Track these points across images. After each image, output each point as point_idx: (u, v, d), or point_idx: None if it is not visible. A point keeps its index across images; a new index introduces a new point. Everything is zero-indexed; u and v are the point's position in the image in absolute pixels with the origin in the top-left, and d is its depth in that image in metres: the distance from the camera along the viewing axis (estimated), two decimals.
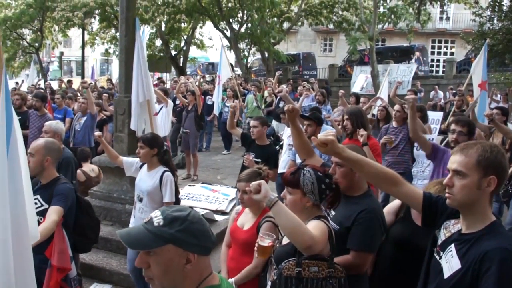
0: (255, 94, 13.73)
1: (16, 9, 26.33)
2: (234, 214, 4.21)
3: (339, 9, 26.11)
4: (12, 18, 25.89)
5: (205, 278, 1.79)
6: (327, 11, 26.17)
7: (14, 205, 2.87)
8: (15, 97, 9.18)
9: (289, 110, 3.73)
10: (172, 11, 23.73)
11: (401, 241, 3.32)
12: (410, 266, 3.14)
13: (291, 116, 3.75)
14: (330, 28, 31.62)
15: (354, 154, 2.67)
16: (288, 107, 3.75)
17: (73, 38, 36.49)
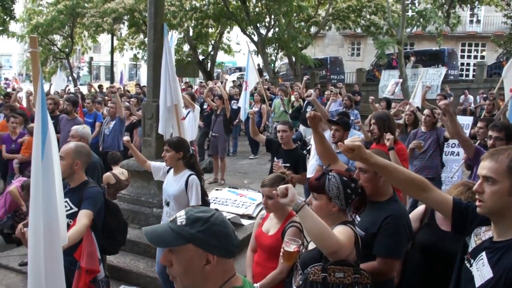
0: (282, 99, 13.72)
1: (47, 16, 26.92)
2: (259, 219, 4.20)
3: (367, 13, 25.92)
4: (44, 25, 26.50)
5: (227, 280, 1.80)
6: (354, 15, 26.03)
7: (46, 208, 2.93)
8: (48, 101, 9.38)
9: (311, 116, 3.71)
10: (199, 16, 23.91)
11: (428, 247, 3.27)
12: (438, 273, 3.10)
13: (313, 123, 3.74)
14: (357, 32, 31.44)
15: (382, 159, 2.64)
16: (310, 113, 3.74)
17: (103, 44, 37.12)
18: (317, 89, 16.86)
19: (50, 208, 2.97)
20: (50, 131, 3.04)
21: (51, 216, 2.97)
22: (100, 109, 11.10)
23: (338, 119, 6.70)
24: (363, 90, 23.75)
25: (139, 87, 18.23)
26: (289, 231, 3.63)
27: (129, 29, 28.38)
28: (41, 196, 2.93)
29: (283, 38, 22.46)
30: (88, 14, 25.26)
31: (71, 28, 28.60)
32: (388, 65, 25.79)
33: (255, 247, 4.07)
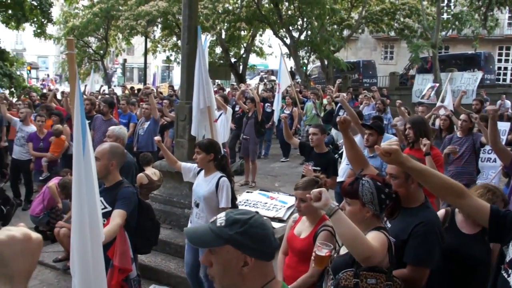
0: (314, 102, 13.67)
1: (83, 19, 27.43)
2: (291, 222, 4.20)
3: (400, 16, 25.63)
4: (79, 27, 27.03)
5: (267, 283, 1.80)
6: (388, 18, 25.76)
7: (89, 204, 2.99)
8: (86, 102, 9.56)
9: (341, 121, 3.69)
10: (232, 19, 24.01)
11: (450, 251, 3.23)
12: (460, 277, 3.04)
13: (343, 127, 3.71)
14: (391, 36, 31.08)
15: (419, 164, 2.61)
16: (340, 117, 3.71)
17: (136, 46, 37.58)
18: (349, 92, 16.76)
19: (91, 203, 3.04)
20: (87, 132, 3.10)
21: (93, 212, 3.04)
22: (134, 110, 11.25)
23: (372, 123, 6.64)
24: (396, 94, 23.47)
25: (172, 89, 18.40)
26: (321, 235, 3.62)
27: (162, 31, 28.67)
28: (84, 191, 3.00)
29: (316, 41, 22.37)
30: (122, 16, 25.64)
31: (106, 30, 29.08)
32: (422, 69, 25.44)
33: (286, 250, 4.07)
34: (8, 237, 1.13)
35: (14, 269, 1.12)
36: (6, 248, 1.12)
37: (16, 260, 1.13)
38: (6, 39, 19.62)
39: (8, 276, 1.11)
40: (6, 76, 15.04)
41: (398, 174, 3.22)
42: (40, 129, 9.21)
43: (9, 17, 16.86)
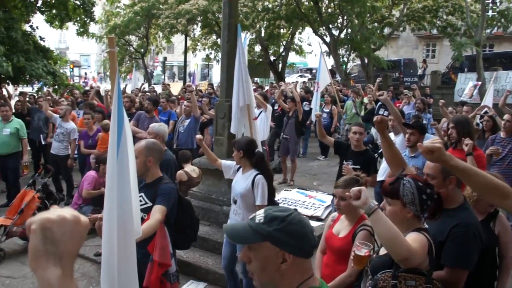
0: (354, 101, 13.56)
1: (124, 17, 27.94)
2: (330, 221, 4.18)
3: (443, 14, 25.10)
4: (121, 26, 27.55)
5: (305, 280, 1.80)
6: (430, 16, 25.28)
7: (121, 203, 3.03)
8: (125, 99, 9.78)
9: (378, 121, 3.64)
10: (272, 17, 24.00)
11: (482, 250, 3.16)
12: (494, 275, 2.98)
13: (380, 127, 3.66)
14: (433, 33, 30.54)
15: (462, 162, 2.56)
16: (377, 118, 3.67)
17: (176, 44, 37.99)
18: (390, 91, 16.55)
19: (124, 203, 3.08)
20: (126, 128, 3.14)
21: (125, 211, 3.08)
22: (174, 108, 11.38)
23: (414, 122, 6.55)
24: (438, 93, 23.02)
25: (211, 87, 18.54)
26: (360, 235, 3.59)
27: (202, 30, 28.93)
28: (115, 191, 3.04)
29: (356, 39, 22.13)
30: (163, 15, 25.99)
31: (147, 29, 29.51)
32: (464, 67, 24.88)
33: (324, 248, 4.05)
34: (59, 217, 1.16)
35: (63, 249, 1.15)
36: (57, 228, 1.15)
37: (65, 241, 1.15)
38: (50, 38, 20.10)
39: (57, 256, 1.13)
40: (50, 74, 15.40)
41: (436, 174, 3.16)
42: (89, 126, 9.42)
43: (53, 16, 17.26)
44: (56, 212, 1.18)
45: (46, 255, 1.13)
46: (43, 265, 1.12)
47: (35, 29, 17.20)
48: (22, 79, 15.66)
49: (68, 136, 9.60)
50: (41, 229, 1.14)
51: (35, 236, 1.14)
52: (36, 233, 1.14)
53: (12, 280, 6.50)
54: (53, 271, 1.12)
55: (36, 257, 1.13)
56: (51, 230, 1.14)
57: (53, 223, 1.15)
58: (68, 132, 9.59)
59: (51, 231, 1.14)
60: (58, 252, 1.14)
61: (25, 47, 15.00)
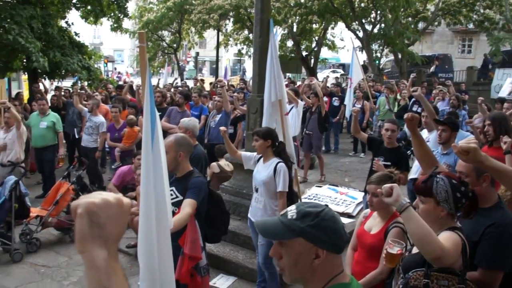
0: (387, 97, 13.39)
1: (157, 13, 28.23)
2: (361, 218, 4.16)
3: (480, 7, 24.54)
4: (154, 21, 27.87)
5: (335, 275, 1.80)
6: (466, 10, 24.74)
7: (157, 197, 3.07)
8: (156, 94, 9.91)
9: (409, 118, 3.59)
10: (304, 12, 23.85)
11: None
12: None
13: (410, 125, 3.61)
14: (469, 28, 29.92)
15: (498, 163, 2.52)
16: (408, 115, 3.62)
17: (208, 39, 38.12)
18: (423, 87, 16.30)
19: (159, 195, 3.12)
20: (157, 123, 3.17)
21: (160, 203, 3.12)
22: (205, 103, 11.44)
23: (446, 118, 6.44)
24: (474, 89, 22.57)
25: (243, 82, 18.57)
26: (393, 232, 3.56)
27: (234, 25, 28.95)
28: (152, 184, 3.08)
29: (389, 34, 21.81)
30: (195, 10, 26.16)
31: (179, 24, 29.71)
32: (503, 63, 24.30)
33: (356, 245, 4.04)
34: (104, 201, 1.19)
35: (108, 232, 1.18)
36: (102, 211, 1.18)
37: (110, 223, 1.18)
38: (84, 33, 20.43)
39: (103, 238, 1.17)
40: (84, 68, 15.68)
41: (469, 172, 3.10)
42: (116, 120, 9.56)
43: (88, 12, 17.55)
44: (100, 195, 1.21)
45: (92, 238, 1.16)
46: (90, 248, 1.16)
47: (70, 25, 17.53)
48: (58, 73, 16.00)
49: (97, 130, 9.80)
50: (87, 213, 1.17)
51: (81, 220, 1.17)
52: (82, 217, 1.17)
53: (47, 269, 6.66)
54: (100, 253, 1.15)
55: (83, 240, 1.16)
56: (97, 213, 1.17)
57: (98, 206, 1.18)
58: (97, 126, 9.78)
59: (97, 215, 1.17)
60: (104, 235, 1.17)
61: (61, 42, 15.31)
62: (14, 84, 23.90)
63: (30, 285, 6.21)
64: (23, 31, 13.17)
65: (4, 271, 6.60)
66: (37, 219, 7.45)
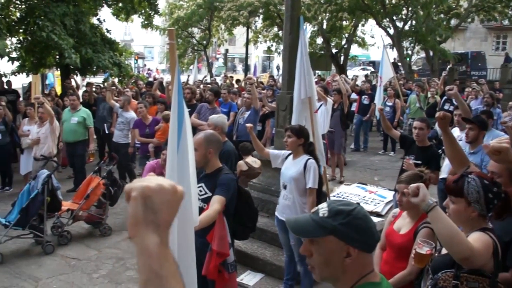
0: (418, 95, 13.21)
1: (187, 10, 28.41)
2: (391, 217, 4.13)
3: None
4: (184, 18, 28.10)
5: (366, 274, 1.79)
6: (502, 6, 24.15)
7: None
8: (186, 91, 9.98)
9: (440, 117, 3.54)
10: (334, 9, 23.68)
11: None
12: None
13: (442, 123, 3.56)
14: (504, 25, 29.25)
15: None
16: (439, 113, 3.57)
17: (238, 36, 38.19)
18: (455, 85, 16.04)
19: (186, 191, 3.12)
20: (186, 120, 3.18)
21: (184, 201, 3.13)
22: (234, 99, 11.47)
23: (474, 117, 6.34)
24: (508, 88, 22.07)
25: (272, 79, 18.57)
26: (422, 232, 3.52)
27: (264, 22, 28.92)
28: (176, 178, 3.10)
29: (421, 31, 21.52)
30: (225, 7, 26.27)
31: (209, 21, 29.87)
32: None
33: (384, 245, 4.00)
34: (158, 186, 1.18)
35: (161, 218, 1.16)
36: (156, 196, 1.16)
37: (164, 209, 1.17)
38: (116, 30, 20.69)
39: (156, 224, 1.15)
40: (115, 65, 15.90)
41: (501, 172, 3.04)
42: (144, 115, 9.65)
43: (120, 9, 17.79)
44: (155, 180, 1.20)
45: (145, 223, 1.15)
46: (143, 232, 1.14)
47: (102, 22, 17.81)
48: (89, 70, 16.24)
49: (128, 125, 9.92)
50: (141, 197, 1.16)
51: (135, 204, 1.16)
52: (136, 201, 1.16)
53: (77, 262, 6.79)
54: (152, 238, 1.14)
55: (136, 224, 1.15)
56: (151, 198, 1.16)
57: (153, 191, 1.17)
58: (128, 121, 9.90)
59: (151, 200, 1.16)
60: (157, 220, 1.16)
61: (93, 39, 15.54)
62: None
63: (61, 276, 6.34)
64: (56, 28, 13.42)
65: (36, 262, 6.76)
66: (68, 212, 7.60)
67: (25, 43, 15.39)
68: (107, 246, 7.36)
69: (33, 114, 9.59)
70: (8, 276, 6.33)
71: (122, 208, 8.85)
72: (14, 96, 14.29)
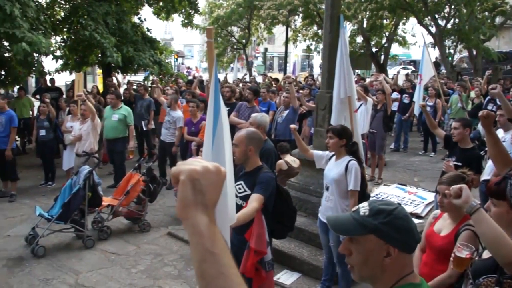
0: (460, 95, 12.94)
1: (227, 9, 28.62)
2: (431, 218, 4.07)
3: None
4: (224, 17, 28.35)
5: (405, 275, 1.77)
6: None
7: None
8: (226, 89, 10.05)
9: (484, 115, 3.46)
10: (374, 8, 23.43)
11: None
12: None
13: (485, 123, 3.49)
14: None
15: None
16: (483, 112, 3.49)
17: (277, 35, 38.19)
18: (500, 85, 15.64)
19: None
20: (223, 118, 3.18)
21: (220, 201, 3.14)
22: (273, 98, 11.48)
23: None
24: None
25: (311, 78, 18.49)
26: (463, 235, 3.45)
27: (303, 20, 28.83)
28: None
29: (464, 30, 21.04)
30: (264, 6, 26.30)
31: (249, 20, 30.01)
32: None
33: (424, 246, 3.95)
34: (204, 168, 1.22)
35: (208, 198, 1.21)
36: (203, 178, 1.21)
37: (210, 190, 1.22)
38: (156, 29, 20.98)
39: (204, 205, 1.20)
40: (156, 63, 16.13)
41: None
42: (194, 114, 9.73)
43: (160, 8, 18.09)
44: (200, 163, 1.24)
45: (195, 204, 1.19)
46: (193, 214, 1.19)
47: (143, 21, 18.09)
48: (130, 68, 16.54)
49: (174, 124, 10.02)
50: (190, 180, 1.20)
51: (184, 187, 1.20)
52: (185, 184, 1.20)
53: (117, 257, 6.92)
54: (202, 219, 1.18)
55: (186, 206, 1.20)
56: (199, 180, 1.20)
57: (200, 173, 1.21)
58: (174, 120, 10.01)
59: (199, 182, 1.20)
60: (205, 202, 1.20)
61: (134, 38, 15.81)
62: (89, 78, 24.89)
63: (100, 270, 6.48)
64: (99, 27, 13.71)
65: (76, 256, 6.93)
66: (108, 208, 7.76)
67: (69, 42, 15.80)
68: (145, 242, 7.47)
69: (76, 111, 9.82)
70: (50, 268, 6.52)
71: (161, 205, 8.99)
72: (57, 94, 14.72)
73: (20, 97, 13.72)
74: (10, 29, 10.79)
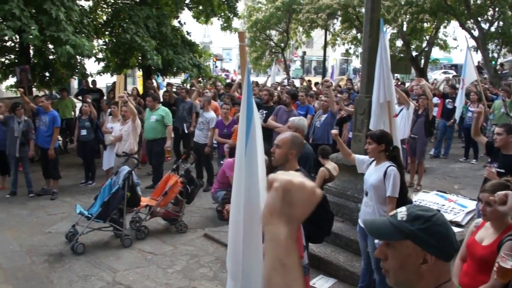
0: (504, 100, 12.60)
1: (265, 13, 28.72)
2: (473, 227, 3.96)
3: None
4: (262, 21, 28.43)
5: (442, 283, 1.73)
6: None
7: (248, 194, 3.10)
8: (264, 92, 10.07)
9: None
10: (415, 11, 23.11)
11: None
12: None
13: None
14: None
15: None
16: None
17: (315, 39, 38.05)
18: None
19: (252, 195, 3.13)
20: (255, 121, 3.17)
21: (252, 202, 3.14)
22: (312, 102, 11.43)
23: None
24: None
25: (350, 82, 18.33)
26: (507, 245, 3.34)
27: (342, 24, 28.66)
28: (243, 185, 3.11)
29: (508, 33, 20.57)
30: (303, 10, 26.26)
31: (287, 23, 30.00)
32: None
33: (465, 256, 3.85)
34: (300, 183, 1.24)
35: (295, 213, 1.23)
36: (296, 192, 1.23)
37: (299, 206, 1.24)
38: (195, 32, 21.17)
39: (289, 217, 1.22)
40: (195, 66, 16.32)
41: None
42: (226, 116, 9.80)
43: (200, 12, 18.27)
44: (298, 177, 1.26)
45: (280, 214, 1.22)
46: (276, 222, 1.21)
47: (182, 25, 18.31)
48: (170, 71, 16.77)
49: (207, 125, 10.11)
50: (283, 189, 1.23)
51: (275, 194, 1.23)
52: (277, 192, 1.23)
53: (154, 256, 7.01)
54: (283, 229, 1.21)
55: (271, 212, 1.22)
56: (291, 193, 1.23)
57: (294, 187, 1.23)
58: (208, 121, 10.09)
59: (291, 194, 1.23)
60: (291, 214, 1.22)
61: (174, 41, 16.04)
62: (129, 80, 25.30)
63: (137, 269, 6.58)
64: (140, 31, 13.95)
65: (114, 254, 7.05)
66: (146, 208, 7.87)
67: (110, 45, 16.13)
68: (182, 243, 7.53)
69: (117, 112, 10.00)
70: (89, 265, 6.66)
71: (198, 206, 9.05)
72: (98, 95, 15.05)
73: (63, 98, 14.07)
74: (56, 33, 11.09)
